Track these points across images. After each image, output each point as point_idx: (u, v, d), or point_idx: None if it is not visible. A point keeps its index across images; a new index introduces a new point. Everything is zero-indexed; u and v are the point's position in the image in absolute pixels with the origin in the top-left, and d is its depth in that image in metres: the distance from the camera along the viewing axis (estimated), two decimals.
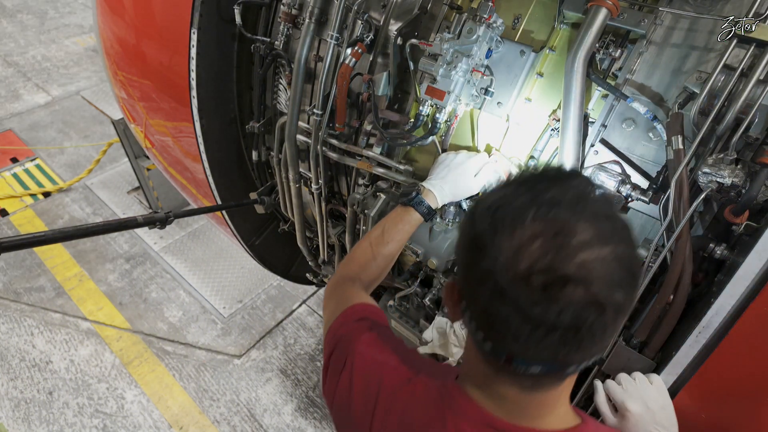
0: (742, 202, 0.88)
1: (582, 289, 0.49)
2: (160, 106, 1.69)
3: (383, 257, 1.05)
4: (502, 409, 0.63)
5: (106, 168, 3.77)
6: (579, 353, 0.54)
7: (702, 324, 0.92)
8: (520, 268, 0.50)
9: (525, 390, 0.60)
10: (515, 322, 0.52)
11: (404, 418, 0.69)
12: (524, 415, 0.63)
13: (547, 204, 0.52)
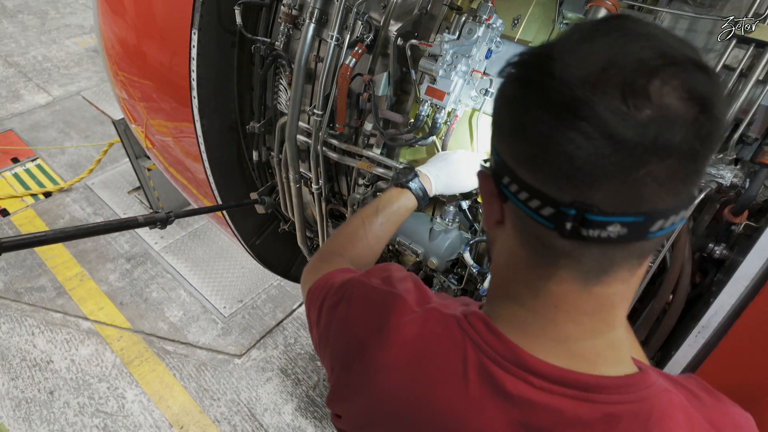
0: (742, 202, 0.88)
1: (678, 83, 0.37)
2: (161, 106, 1.69)
3: (374, 237, 0.94)
4: (547, 342, 0.47)
5: (107, 168, 3.77)
6: (668, 194, 0.39)
7: (701, 324, 0.92)
8: (592, 68, 0.37)
9: (588, 283, 0.44)
10: (586, 150, 0.37)
11: (414, 346, 0.53)
12: (576, 350, 0.47)
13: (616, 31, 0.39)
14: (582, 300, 0.46)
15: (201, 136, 1.56)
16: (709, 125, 0.38)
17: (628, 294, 0.47)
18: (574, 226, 0.40)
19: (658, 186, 0.39)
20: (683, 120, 0.37)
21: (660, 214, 0.40)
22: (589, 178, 0.39)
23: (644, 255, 0.45)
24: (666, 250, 0.97)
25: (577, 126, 0.37)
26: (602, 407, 0.45)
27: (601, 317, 0.46)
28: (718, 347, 0.91)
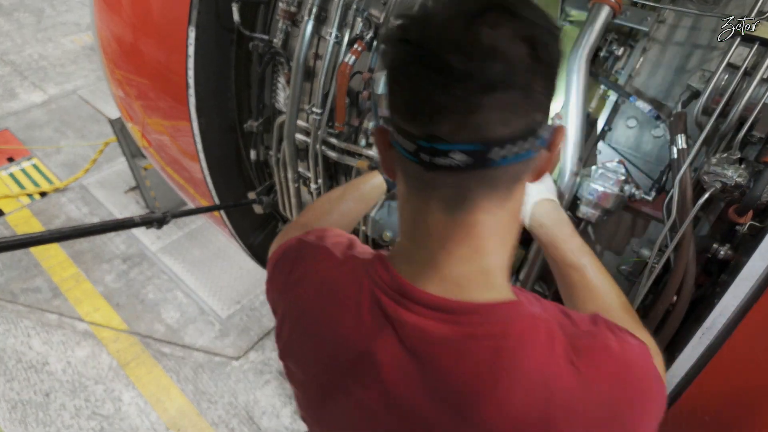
0: (746, 202, 0.88)
1: (509, 25, 0.44)
2: (158, 104, 1.68)
3: (340, 213, 0.96)
4: (426, 269, 0.54)
5: (103, 167, 3.74)
6: (501, 125, 0.46)
7: (705, 325, 0.91)
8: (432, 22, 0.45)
9: (452, 212, 0.50)
10: (427, 88, 0.45)
11: (326, 281, 0.62)
12: (447, 275, 0.53)
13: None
14: (449, 228, 0.52)
15: (198, 135, 1.54)
16: (538, 64, 0.45)
17: (497, 226, 0.53)
18: (429, 157, 0.48)
19: (491, 117, 0.46)
20: (513, 58, 0.44)
21: (496, 143, 0.46)
22: (434, 112, 0.46)
23: (500, 186, 0.51)
24: (670, 251, 0.96)
25: (420, 69, 0.45)
26: (464, 328, 0.52)
27: (469, 244, 0.52)
28: (723, 349, 0.91)
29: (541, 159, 0.52)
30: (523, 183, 0.53)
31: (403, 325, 0.53)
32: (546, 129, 0.50)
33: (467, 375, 0.51)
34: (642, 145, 1.08)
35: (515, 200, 0.53)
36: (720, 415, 0.99)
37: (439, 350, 0.52)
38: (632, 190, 1.02)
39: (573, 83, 0.99)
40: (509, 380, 0.49)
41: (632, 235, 1.14)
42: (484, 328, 0.51)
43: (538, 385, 0.49)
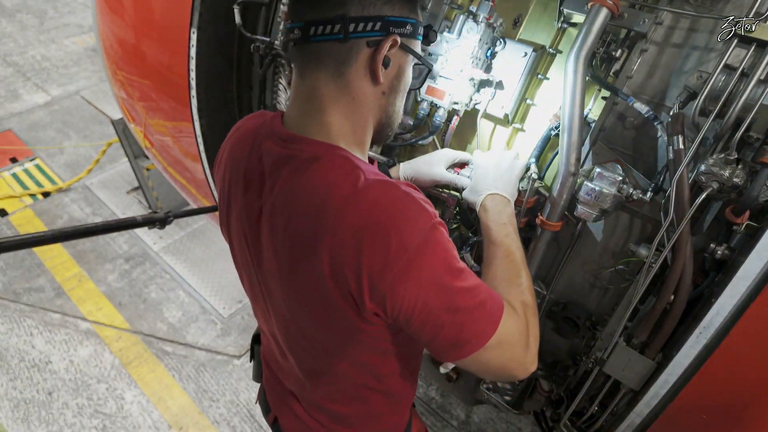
0: (743, 202, 0.88)
1: None
2: (160, 105, 1.69)
3: None
4: (291, 118, 0.78)
5: (106, 168, 3.76)
6: (309, 8, 0.69)
7: (703, 324, 0.92)
8: None
9: (303, 76, 0.74)
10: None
11: (232, 153, 0.86)
12: (299, 122, 0.76)
13: None
14: (301, 88, 0.76)
15: (200, 136, 1.55)
16: None
17: (332, 97, 0.74)
18: (287, 35, 0.73)
19: (308, 4, 0.70)
20: None
21: (311, 23, 0.69)
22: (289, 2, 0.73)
23: (325, 61, 0.72)
24: (667, 250, 0.97)
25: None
26: (290, 150, 0.75)
27: (311, 103, 0.75)
28: (720, 348, 0.91)
29: (367, 56, 0.72)
30: (356, 71, 0.72)
31: (264, 149, 0.79)
32: (364, 25, 0.69)
33: (278, 174, 0.75)
34: (640, 146, 1.09)
35: (349, 83, 0.73)
36: (717, 414, 1.00)
37: (272, 161, 0.77)
38: (630, 191, 1.02)
39: (571, 84, 1.00)
40: (302, 177, 0.72)
41: (630, 235, 1.14)
42: (303, 152, 0.74)
43: (322, 184, 0.70)
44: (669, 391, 0.99)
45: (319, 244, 0.69)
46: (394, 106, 0.79)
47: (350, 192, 0.68)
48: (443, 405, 2.30)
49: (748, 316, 0.87)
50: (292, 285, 0.77)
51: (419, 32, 0.77)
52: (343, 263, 0.68)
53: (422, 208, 0.68)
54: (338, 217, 0.67)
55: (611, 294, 1.21)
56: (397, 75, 0.76)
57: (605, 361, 1.09)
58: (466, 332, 0.70)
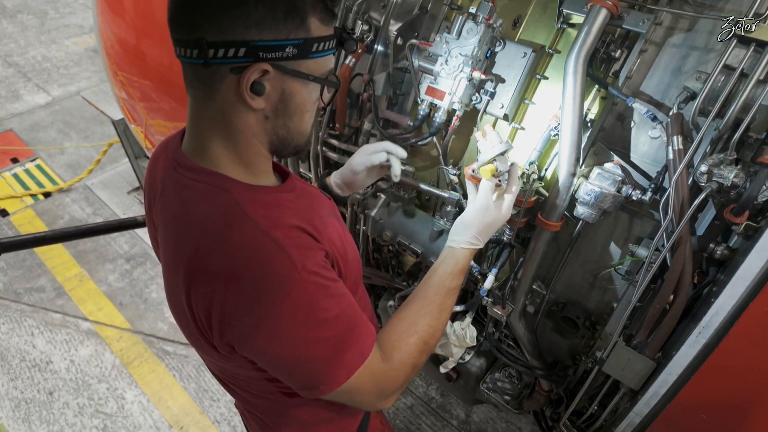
0: (742, 203, 0.88)
1: None
2: (161, 106, 1.69)
3: None
4: (185, 137, 0.74)
5: (107, 168, 3.76)
6: (174, 26, 0.66)
7: (702, 324, 0.92)
8: None
9: (187, 92, 0.70)
10: None
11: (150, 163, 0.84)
12: (187, 144, 0.74)
13: None
14: (188, 105, 0.71)
15: None
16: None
17: (213, 117, 0.69)
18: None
19: (171, 22, 0.67)
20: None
21: (176, 42, 0.66)
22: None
23: (190, 78, 0.68)
24: (667, 250, 0.97)
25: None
26: (175, 174, 0.73)
27: (192, 122, 0.72)
28: (719, 347, 0.91)
29: (234, 83, 0.65)
30: (225, 97, 0.66)
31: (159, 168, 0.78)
32: (225, 51, 0.62)
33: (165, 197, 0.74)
34: (639, 146, 1.09)
35: (222, 108, 0.68)
36: (716, 413, 1.00)
37: (162, 182, 0.76)
38: (629, 191, 1.03)
39: (570, 85, 1.00)
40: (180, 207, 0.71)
41: (629, 235, 1.15)
42: (184, 179, 0.71)
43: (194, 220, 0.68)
44: (668, 390, 0.99)
45: (182, 281, 0.68)
46: (287, 128, 0.72)
47: (216, 236, 0.65)
48: (443, 405, 2.31)
49: (748, 316, 0.87)
50: (174, 308, 0.76)
51: (317, 49, 0.67)
52: (198, 306, 0.67)
53: (287, 260, 0.64)
54: (200, 260, 0.65)
55: (611, 294, 1.21)
56: (281, 99, 0.68)
57: (605, 360, 1.09)
58: (315, 379, 0.69)
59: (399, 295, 1.58)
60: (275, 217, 0.68)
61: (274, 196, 0.74)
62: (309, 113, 0.73)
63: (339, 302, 0.69)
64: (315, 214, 0.77)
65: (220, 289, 0.64)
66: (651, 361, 1.03)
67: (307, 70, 0.68)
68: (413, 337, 0.79)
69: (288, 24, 0.63)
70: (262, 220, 0.67)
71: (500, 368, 1.51)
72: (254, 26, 0.62)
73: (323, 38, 0.67)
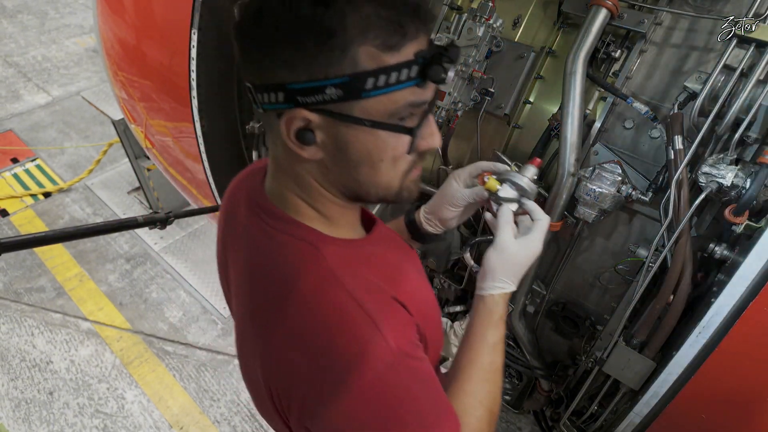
0: (742, 203, 0.88)
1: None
2: (161, 106, 1.69)
3: None
4: (267, 184, 0.69)
5: (107, 168, 3.76)
6: (245, 65, 0.58)
7: (702, 324, 0.92)
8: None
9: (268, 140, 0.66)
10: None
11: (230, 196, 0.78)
12: (268, 184, 0.68)
13: None
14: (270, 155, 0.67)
15: (201, 137, 1.55)
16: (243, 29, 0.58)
17: (283, 163, 0.63)
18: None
19: (244, 64, 0.58)
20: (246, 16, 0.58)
21: (254, 88, 0.57)
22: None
23: (265, 123, 0.64)
24: (667, 250, 0.97)
25: None
26: (255, 218, 0.67)
27: (271, 164, 0.67)
28: (719, 347, 0.91)
29: (281, 124, 0.57)
30: (283, 144, 0.59)
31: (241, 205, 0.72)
32: (267, 96, 0.56)
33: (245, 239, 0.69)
34: (639, 146, 1.09)
35: (286, 155, 0.62)
36: (716, 413, 1.00)
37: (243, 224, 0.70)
38: (629, 191, 1.03)
39: (570, 85, 1.00)
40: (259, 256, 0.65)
41: (629, 235, 1.15)
42: (265, 224, 0.65)
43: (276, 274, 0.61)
44: (668, 390, 0.99)
45: (257, 338, 0.61)
46: (356, 179, 0.60)
47: (301, 297, 0.57)
48: None
49: (748, 316, 0.87)
50: (245, 366, 0.69)
51: (375, 85, 0.53)
52: (271, 373, 0.60)
53: (381, 340, 0.55)
54: (281, 323, 0.58)
55: (611, 294, 1.21)
56: (339, 147, 0.57)
57: (605, 360, 1.09)
58: None
59: None
60: (367, 282, 0.60)
61: (362, 251, 0.65)
62: (385, 162, 0.59)
63: (428, 388, 0.61)
64: (405, 275, 0.68)
65: (301, 360, 0.56)
66: (651, 361, 1.03)
67: (364, 113, 0.55)
68: (479, 410, 0.71)
69: (322, 59, 0.51)
70: (352, 284, 0.58)
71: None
72: (284, 66, 0.53)
73: (383, 70, 0.52)
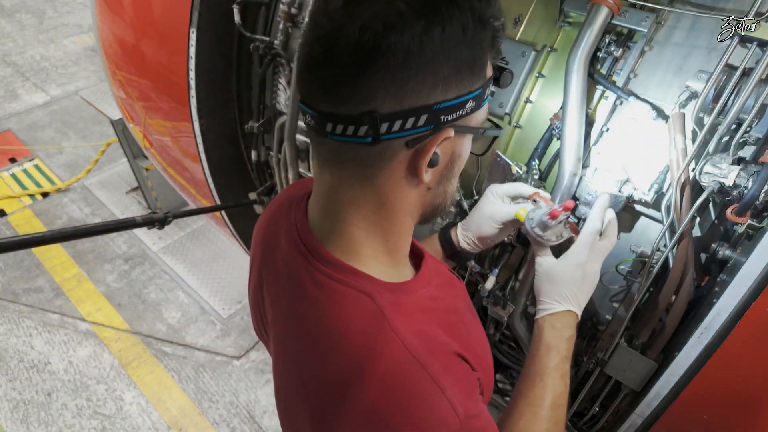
0: (744, 203, 0.88)
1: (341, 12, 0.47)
2: (159, 105, 1.68)
3: None
4: (313, 214, 0.64)
5: (105, 168, 3.75)
6: (325, 97, 0.51)
7: (704, 325, 0.91)
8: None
9: (322, 168, 0.58)
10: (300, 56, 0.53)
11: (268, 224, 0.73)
12: (319, 225, 0.62)
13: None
14: (320, 180, 0.60)
15: (199, 136, 1.55)
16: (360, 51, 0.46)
17: (362, 200, 0.57)
18: (304, 118, 0.56)
19: (318, 91, 0.52)
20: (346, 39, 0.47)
21: (327, 117, 0.51)
22: (299, 78, 0.54)
23: (344, 161, 0.55)
24: (669, 251, 0.96)
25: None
26: (304, 261, 0.61)
27: (330, 203, 0.59)
28: (721, 348, 0.91)
29: (407, 158, 0.53)
30: (389, 175, 0.55)
31: (282, 244, 0.66)
32: (402, 123, 0.50)
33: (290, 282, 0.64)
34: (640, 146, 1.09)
35: (379, 188, 0.56)
36: (719, 414, 0.99)
37: (286, 264, 0.65)
38: (631, 191, 1.02)
39: (572, 84, 1.00)
40: (310, 307, 0.59)
41: (631, 235, 1.14)
42: (316, 271, 0.59)
43: (331, 330, 0.56)
44: (670, 391, 0.98)
45: (311, 405, 0.56)
46: (444, 195, 0.61)
47: (361, 362, 0.53)
48: None
49: (750, 317, 0.87)
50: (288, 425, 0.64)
51: (488, 94, 0.57)
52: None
53: (447, 406, 0.52)
54: (341, 391, 0.53)
55: (612, 294, 1.20)
56: (448, 164, 0.58)
57: (606, 361, 1.08)
58: None
59: None
60: (429, 337, 0.56)
61: (418, 297, 0.61)
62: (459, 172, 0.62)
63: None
64: (458, 316, 0.65)
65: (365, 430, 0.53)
66: (653, 362, 1.02)
67: (477, 122, 0.57)
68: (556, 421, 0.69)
69: (474, 73, 0.52)
70: (414, 343, 0.54)
71: (501, 369, 1.51)
72: (441, 84, 0.50)
73: (490, 80, 0.56)
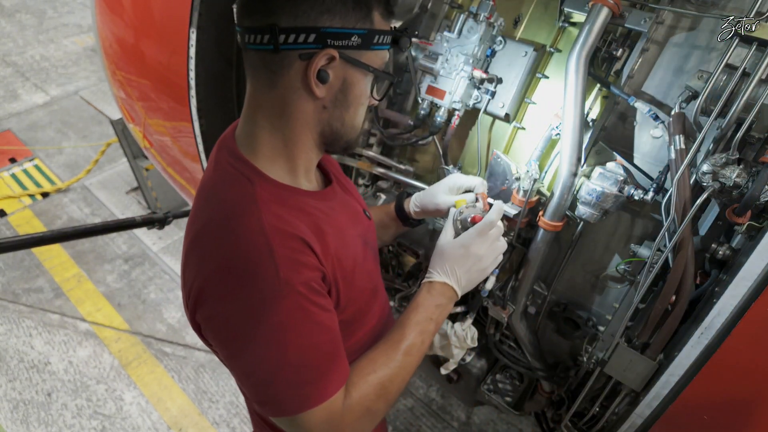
0: (745, 202, 0.88)
1: None
2: (159, 105, 1.68)
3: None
4: (238, 129, 0.76)
5: (105, 168, 3.75)
6: (243, 13, 0.68)
7: (704, 325, 0.91)
8: None
9: (248, 80, 0.72)
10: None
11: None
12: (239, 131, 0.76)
13: None
14: (247, 93, 0.74)
15: (199, 136, 1.55)
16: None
17: (270, 105, 0.71)
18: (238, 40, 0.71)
19: (242, 11, 0.69)
20: None
21: (247, 30, 0.67)
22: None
23: (257, 68, 0.70)
24: (669, 250, 0.96)
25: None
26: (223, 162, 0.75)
27: (248, 109, 0.74)
28: (721, 348, 0.91)
29: (301, 69, 0.67)
30: (289, 84, 0.69)
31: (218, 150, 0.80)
32: (296, 37, 0.65)
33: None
34: (641, 146, 1.09)
35: (282, 95, 0.70)
36: (718, 414, 0.99)
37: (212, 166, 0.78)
38: (631, 191, 1.02)
39: (572, 83, 1.00)
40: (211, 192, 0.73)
41: (631, 235, 1.14)
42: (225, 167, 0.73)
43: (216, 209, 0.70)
44: (670, 391, 0.98)
45: (184, 249, 0.71)
46: (342, 120, 0.74)
47: (222, 221, 0.68)
48: (444, 406, 2.30)
49: (750, 317, 0.87)
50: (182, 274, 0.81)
51: (377, 41, 0.70)
52: (187, 275, 0.70)
53: (272, 269, 0.63)
54: (202, 239, 0.69)
55: (612, 294, 1.20)
56: (342, 89, 0.71)
57: (606, 361, 1.08)
58: (264, 397, 0.68)
59: (399, 296, 1.58)
60: (286, 222, 0.68)
61: (299, 199, 0.73)
62: (363, 107, 0.76)
63: (316, 332, 0.67)
64: (337, 231, 0.75)
65: (206, 270, 0.67)
66: (653, 362, 1.02)
67: (368, 61, 0.71)
68: (371, 377, 0.74)
69: (355, 14, 0.67)
70: (269, 220, 0.66)
71: (501, 369, 1.51)
72: (326, 13, 0.65)
73: (383, 32, 0.71)
